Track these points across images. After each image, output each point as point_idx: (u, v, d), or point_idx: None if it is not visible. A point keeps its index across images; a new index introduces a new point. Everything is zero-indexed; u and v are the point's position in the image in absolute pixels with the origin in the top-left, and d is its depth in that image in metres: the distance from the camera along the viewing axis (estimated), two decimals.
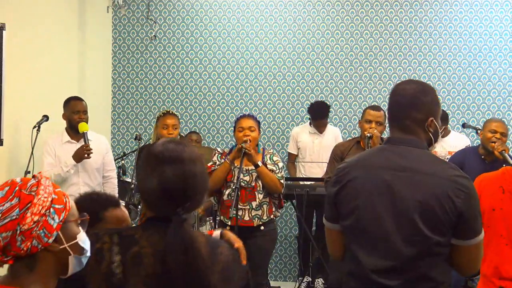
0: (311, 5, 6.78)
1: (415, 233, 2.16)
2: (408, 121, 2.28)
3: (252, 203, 4.49)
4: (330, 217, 2.39)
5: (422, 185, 2.17)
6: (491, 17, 6.57)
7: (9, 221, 1.41)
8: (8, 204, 1.42)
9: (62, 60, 5.94)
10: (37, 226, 1.43)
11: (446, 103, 6.57)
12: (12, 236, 1.41)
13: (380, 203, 2.21)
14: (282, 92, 6.84)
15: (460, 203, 2.15)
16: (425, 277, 2.19)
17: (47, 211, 1.45)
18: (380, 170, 2.25)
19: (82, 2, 6.32)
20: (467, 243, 2.20)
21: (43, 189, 1.47)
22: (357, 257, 2.27)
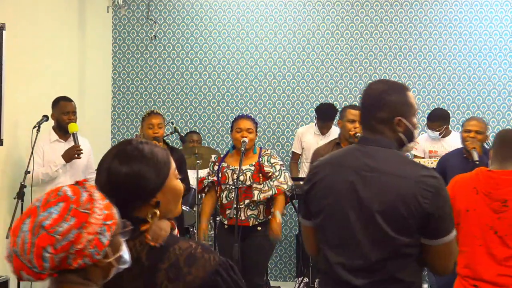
0: (311, 5, 6.78)
1: (381, 234, 2.16)
2: (373, 121, 2.28)
3: (245, 201, 4.50)
4: (303, 213, 2.42)
5: (388, 186, 2.17)
6: (491, 17, 6.57)
7: (66, 243, 1.36)
8: (65, 225, 1.37)
9: (62, 60, 5.94)
10: (90, 245, 1.39)
11: (446, 103, 6.57)
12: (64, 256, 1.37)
13: (347, 204, 2.22)
14: (282, 92, 6.84)
15: (427, 204, 2.13)
16: (393, 279, 2.19)
17: (100, 229, 1.41)
18: (348, 169, 2.25)
19: (82, 2, 6.32)
20: (437, 242, 2.18)
21: (97, 206, 1.42)
22: (326, 257, 2.29)
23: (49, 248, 1.36)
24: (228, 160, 4.65)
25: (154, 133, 4.87)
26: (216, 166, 4.64)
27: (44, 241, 1.35)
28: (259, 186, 4.53)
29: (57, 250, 1.36)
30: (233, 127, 4.62)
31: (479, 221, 3.00)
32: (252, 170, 4.53)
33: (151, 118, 4.96)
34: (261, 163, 4.56)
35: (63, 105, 4.99)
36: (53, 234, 1.36)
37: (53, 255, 1.36)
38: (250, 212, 4.52)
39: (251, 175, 4.51)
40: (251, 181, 4.51)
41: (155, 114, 5.02)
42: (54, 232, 1.36)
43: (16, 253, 1.37)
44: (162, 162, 1.73)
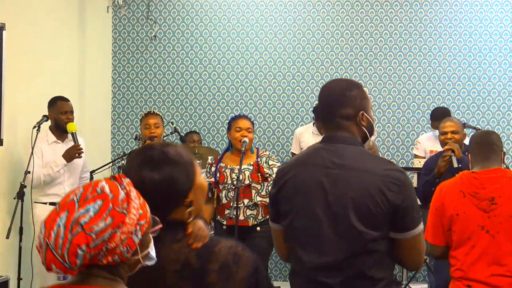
0: (311, 5, 6.78)
1: (350, 230, 2.18)
2: (338, 118, 2.29)
3: (244, 201, 4.49)
4: (272, 217, 2.42)
5: (354, 181, 2.20)
6: (491, 17, 6.57)
7: (100, 243, 1.36)
8: (102, 225, 1.36)
9: (62, 60, 5.94)
10: (123, 244, 1.39)
11: (446, 103, 6.57)
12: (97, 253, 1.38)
13: (315, 202, 2.24)
14: (282, 92, 6.84)
15: (393, 196, 2.16)
16: (363, 275, 2.21)
17: (134, 229, 1.41)
18: (314, 168, 2.27)
19: (82, 2, 6.32)
20: (405, 235, 2.21)
21: (133, 206, 1.42)
22: (298, 256, 2.30)
23: (84, 247, 1.35)
24: (226, 161, 4.64)
25: (150, 133, 4.89)
26: (214, 167, 4.63)
27: (80, 240, 1.35)
28: (257, 186, 4.53)
29: (91, 249, 1.36)
30: (232, 127, 4.60)
31: (470, 222, 3.03)
32: (251, 170, 4.53)
33: (148, 119, 4.97)
34: (260, 164, 4.56)
35: (61, 105, 4.99)
36: (90, 234, 1.35)
37: (87, 253, 1.36)
38: (249, 212, 4.53)
39: (250, 174, 4.51)
40: (250, 180, 4.50)
41: (152, 114, 5.04)
42: (91, 231, 1.36)
43: (50, 246, 1.36)
44: (189, 163, 1.76)
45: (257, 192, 4.54)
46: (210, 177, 4.61)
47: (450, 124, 4.59)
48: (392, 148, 6.73)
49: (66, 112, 4.97)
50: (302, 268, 2.30)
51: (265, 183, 4.55)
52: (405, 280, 6.04)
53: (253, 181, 4.51)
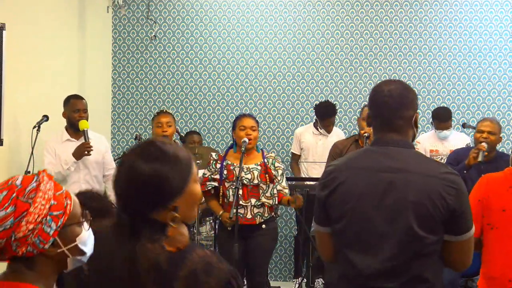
0: (311, 5, 6.78)
1: (409, 234, 2.17)
2: (401, 121, 2.29)
3: (251, 200, 4.50)
4: (321, 220, 2.38)
5: (413, 185, 2.19)
6: (491, 17, 6.57)
7: (2, 230, 1.41)
8: (3, 213, 1.41)
9: (62, 60, 5.94)
10: (32, 233, 1.42)
11: (446, 103, 6.57)
12: (6, 242, 1.42)
13: (371, 206, 2.22)
14: (282, 92, 6.84)
15: (451, 200, 2.17)
16: (420, 278, 2.20)
17: (44, 219, 1.43)
18: (368, 172, 2.25)
19: (82, 2, 6.32)
20: (459, 238, 2.22)
21: (41, 196, 1.45)
22: (351, 260, 2.26)
23: None
24: (230, 159, 4.64)
25: (163, 132, 4.91)
26: (219, 164, 4.62)
27: None
28: (263, 186, 4.55)
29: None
30: (236, 125, 4.61)
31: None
32: (259, 170, 4.54)
33: (160, 117, 5.00)
34: (267, 165, 4.57)
35: (74, 103, 5.02)
36: None
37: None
38: (257, 210, 4.55)
39: (259, 174, 4.53)
40: (259, 180, 4.52)
41: (164, 113, 5.08)
42: None
43: None
44: (184, 165, 1.71)
45: (263, 192, 4.54)
46: (215, 173, 4.60)
47: (489, 125, 4.61)
48: None
49: (78, 110, 5.00)
50: (354, 273, 2.26)
51: (271, 185, 4.56)
52: None
53: (261, 181, 4.53)
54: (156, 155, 1.68)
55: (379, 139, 2.33)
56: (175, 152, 1.71)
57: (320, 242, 2.46)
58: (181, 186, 1.69)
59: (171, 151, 1.71)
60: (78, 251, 1.50)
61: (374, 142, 2.35)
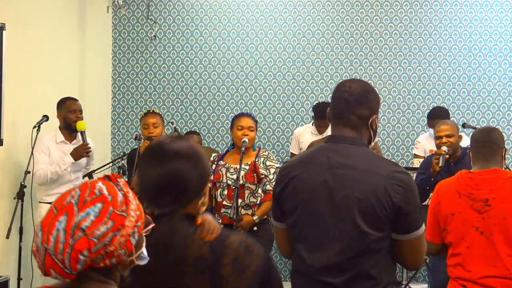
0: (311, 5, 6.78)
1: (355, 230, 2.19)
2: (354, 117, 2.31)
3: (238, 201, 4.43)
4: (276, 216, 2.44)
5: (360, 182, 2.21)
6: (491, 17, 6.57)
7: (102, 247, 1.33)
8: (104, 229, 1.33)
9: (62, 60, 5.94)
10: (121, 247, 1.36)
11: (446, 103, 6.57)
12: (96, 257, 1.34)
13: (320, 201, 2.24)
14: (282, 92, 6.84)
15: (397, 198, 2.18)
16: (366, 275, 2.22)
17: (132, 231, 1.38)
18: (319, 168, 2.28)
19: (82, 2, 6.31)
20: (407, 237, 2.23)
21: (132, 208, 1.39)
22: (301, 255, 2.31)
23: (86, 252, 1.32)
24: (227, 159, 4.61)
25: (149, 133, 4.87)
26: (214, 165, 4.60)
27: (82, 245, 1.32)
28: (251, 186, 4.49)
29: (93, 254, 1.33)
30: (234, 125, 4.57)
31: (464, 223, 3.04)
32: (246, 170, 4.48)
33: (147, 118, 4.97)
34: (257, 164, 4.51)
35: (70, 104, 5.01)
36: (92, 238, 1.32)
37: (89, 258, 1.33)
38: (244, 212, 4.49)
39: (244, 174, 4.45)
40: (244, 180, 4.44)
41: (151, 113, 5.02)
42: (93, 236, 1.32)
43: (49, 251, 1.32)
44: (205, 158, 1.84)
45: (251, 192, 4.50)
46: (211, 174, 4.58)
47: (445, 128, 4.57)
48: (392, 148, 6.73)
49: (74, 111, 4.99)
50: (304, 267, 2.30)
51: (260, 184, 4.50)
52: (405, 280, 6.04)
53: (247, 181, 4.46)
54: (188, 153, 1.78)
55: (333, 135, 2.37)
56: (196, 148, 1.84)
57: (277, 238, 2.51)
58: (207, 175, 1.84)
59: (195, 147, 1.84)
60: (142, 257, 1.46)
61: (328, 139, 2.39)
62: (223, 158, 4.63)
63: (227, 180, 4.46)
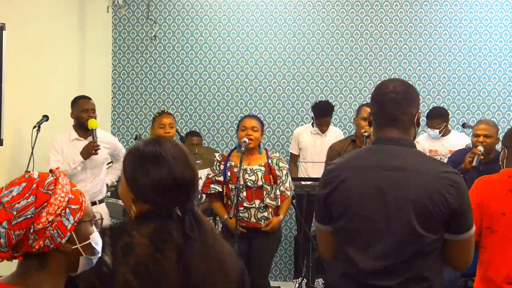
0: (311, 5, 6.78)
1: (409, 232, 2.17)
2: (406, 117, 2.29)
3: (256, 202, 4.48)
4: (321, 218, 2.39)
5: (413, 183, 2.19)
6: (491, 17, 6.57)
7: (23, 220, 1.38)
8: (24, 202, 1.38)
9: (62, 60, 5.94)
10: (51, 226, 1.40)
11: (446, 103, 6.57)
12: (24, 234, 1.38)
13: (372, 204, 2.22)
14: (282, 92, 6.84)
15: (452, 199, 2.17)
16: (420, 277, 2.21)
17: (63, 212, 1.41)
18: (370, 170, 2.25)
19: (82, 2, 6.31)
20: (460, 237, 2.23)
21: (60, 188, 1.43)
22: (352, 258, 2.27)
23: (5, 224, 1.37)
24: (234, 159, 4.61)
25: (165, 133, 4.90)
26: (222, 165, 4.61)
27: (0, 217, 1.37)
28: (267, 187, 4.53)
29: (14, 226, 1.37)
30: (239, 127, 4.61)
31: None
32: (263, 171, 4.52)
33: (162, 118, 4.98)
34: (271, 165, 4.55)
35: (83, 103, 5.02)
36: (10, 210, 1.38)
37: (10, 231, 1.37)
38: (261, 214, 4.53)
39: (263, 175, 4.50)
40: (263, 181, 4.50)
41: (166, 113, 5.07)
42: (12, 208, 1.38)
43: None
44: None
45: (268, 193, 4.53)
46: (219, 175, 4.57)
47: (485, 128, 4.55)
48: None
49: (87, 110, 5.00)
50: (355, 271, 2.26)
51: (275, 186, 4.54)
52: None
53: (265, 182, 4.51)
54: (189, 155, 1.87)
55: (380, 137, 2.33)
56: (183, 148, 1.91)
57: (321, 241, 2.46)
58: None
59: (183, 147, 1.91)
60: (91, 250, 1.48)
61: (375, 141, 2.35)
62: (229, 158, 4.63)
63: (246, 181, 4.47)
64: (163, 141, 1.85)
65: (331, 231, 2.35)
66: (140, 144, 1.85)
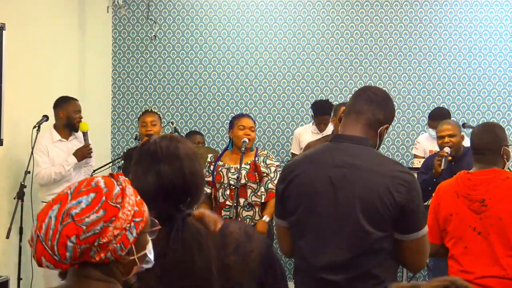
0: (311, 5, 6.78)
1: (357, 229, 2.20)
2: (371, 116, 2.32)
3: (240, 200, 4.44)
4: (278, 213, 2.44)
5: (363, 181, 2.21)
6: (491, 17, 6.57)
7: (91, 235, 1.33)
8: (94, 217, 1.33)
9: (62, 60, 5.95)
10: (115, 239, 1.36)
11: (446, 103, 6.57)
12: (88, 248, 1.34)
13: (323, 200, 2.25)
14: (282, 92, 6.84)
15: (400, 198, 2.18)
16: (369, 274, 2.23)
17: (128, 225, 1.37)
18: (323, 166, 2.28)
19: (82, 2, 6.32)
20: (409, 237, 2.23)
21: (127, 201, 1.39)
22: (303, 253, 2.31)
23: (74, 239, 1.33)
24: (225, 159, 4.60)
25: (147, 131, 4.95)
26: (212, 165, 4.61)
27: (70, 231, 1.32)
28: (253, 185, 4.49)
29: (81, 241, 1.33)
30: (234, 125, 4.56)
31: (462, 224, 3.04)
32: (247, 169, 4.48)
33: (144, 117, 5.05)
34: (257, 163, 4.52)
35: (74, 103, 5.06)
36: (80, 225, 1.33)
37: (77, 245, 1.33)
38: (246, 213, 4.49)
39: (246, 173, 4.47)
40: (246, 179, 4.46)
41: (149, 112, 5.13)
42: (82, 222, 1.33)
43: (40, 238, 1.34)
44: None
45: (253, 191, 4.50)
46: (209, 175, 4.56)
47: (447, 128, 4.56)
48: (392, 148, 6.73)
49: (79, 111, 5.04)
50: (307, 265, 2.30)
51: (261, 183, 4.51)
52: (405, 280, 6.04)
53: (249, 181, 4.47)
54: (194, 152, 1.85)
55: (339, 135, 2.38)
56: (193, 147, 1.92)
57: (279, 236, 2.52)
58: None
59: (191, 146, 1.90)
60: (145, 260, 1.45)
61: (333, 138, 2.39)
62: (220, 158, 4.62)
63: (229, 180, 4.46)
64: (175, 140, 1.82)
65: (287, 227, 2.39)
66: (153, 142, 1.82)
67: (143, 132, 4.96)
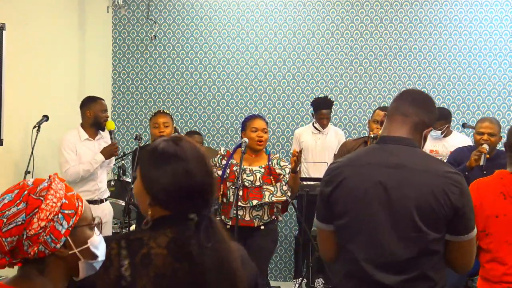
0: (311, 5, 6.78)
1: (413, 230, 2.17)
2: (418, 118, 2.32)
3: (252, 201, 4.46)
4: (323, 217, 2.37)
5: (417, 181, 2.19)
6: (491, 17, 6.57)
7: (14, 227, 1.39)
8: (14, 209, 1.40)
9: (62, 60, 5.94)
10: (44, 231, 1.40)
11: (446, 103, 6.57)
12: (18, 241, 1.39)
13: (375, 202, 2.21)
14: (282, 92, 6.84)
15: (455, 198, 2.17)
16: (424, 276, 2.20)
17: (55, 217, 1.42)
18: (372, 168, 2.25)
19: (82, 2, 6.31)
20: (461, 238, 2.22)
21: (52, 193, 1.44)
22: (355, 257, 2.25)
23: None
24: (237, 158, 4.59)
25: (159, 132, 4.93)
26: (224, 160, 4.59)
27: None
28: (270, 187, 4.51)
29: (5, 233, 1.39)
30: (247, 127, 4.58)
31: (509, 226, 2.90)
32: (262, 172, 4.52)
33: (157, 117, 5.03)
34: (271, 166, 4.55)
35: (101, 103, 5.11)
36: (0, 218, 1.39)
37: (1, 238, 1.39)
38: (256, 213, 4.52)
39: (261, 176, 4.50)
40: (261, 182, 4.49)
41: (161, 113, 5.10)
42: (2, 215, 1.39)
43: None
44: None
45: (272, 194, 4.51)
46: (219, 168, 4.55)
47: (489, 126, 4.53)
48: None
49: (105, 110, 5.11)
50: (359, 269, 2.25)
51: (278, 184, 4.53)
52: None
53: (264, 183, 4.50)
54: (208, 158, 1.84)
55: (383, 137, 2.35)
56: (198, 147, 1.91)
57: (321, 240, 2.44)
58: None
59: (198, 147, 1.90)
60: (90, 255, 1.48)
61: (378, 140, 2.37)
62: (232, 156, 4.62)
63: (243, 181, 4.46)
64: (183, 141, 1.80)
65: (333, 231, 2.33)
66: (159, 143, 1.80)
67: (156, 134, 4.94)
